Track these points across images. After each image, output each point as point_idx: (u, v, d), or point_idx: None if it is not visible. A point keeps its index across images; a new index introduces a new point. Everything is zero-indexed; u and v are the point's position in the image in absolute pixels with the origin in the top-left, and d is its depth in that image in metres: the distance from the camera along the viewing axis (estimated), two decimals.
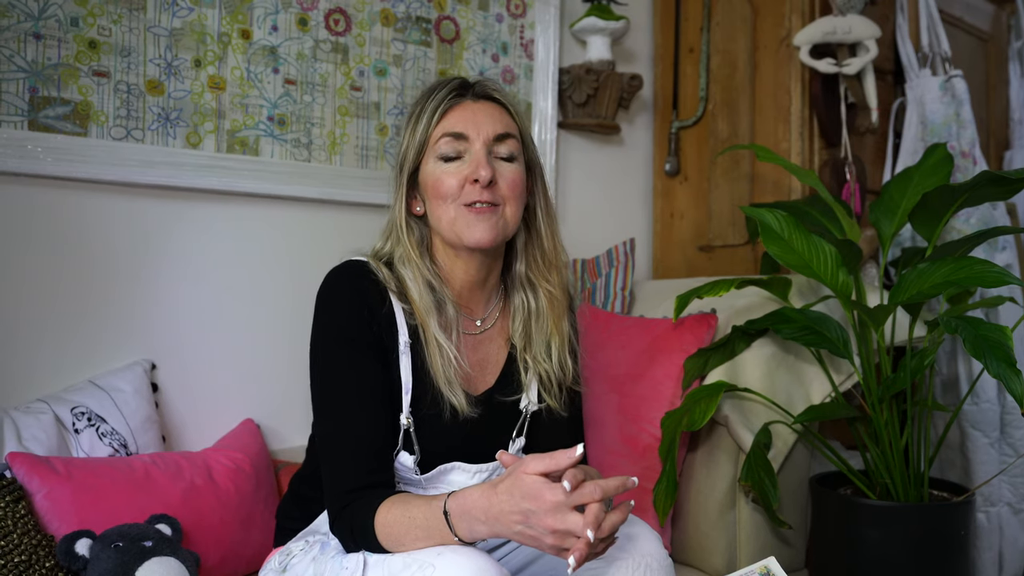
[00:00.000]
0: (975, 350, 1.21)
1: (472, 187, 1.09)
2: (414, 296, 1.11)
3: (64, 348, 1.46)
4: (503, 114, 1.14)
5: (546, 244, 1.20)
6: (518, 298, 1.20)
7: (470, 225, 1.09)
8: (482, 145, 1.10)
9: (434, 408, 1.09)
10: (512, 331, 1.20)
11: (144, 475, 1.30)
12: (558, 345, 1.19)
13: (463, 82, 1.16)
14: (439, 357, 1.09)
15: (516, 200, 1.13)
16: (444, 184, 1.10)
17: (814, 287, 1.69)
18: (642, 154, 2.30)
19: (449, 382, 1.09)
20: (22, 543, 1.12)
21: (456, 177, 1.10)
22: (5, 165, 1.39)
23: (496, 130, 1.12)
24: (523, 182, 1.14)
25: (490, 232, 1.09)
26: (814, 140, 1.93)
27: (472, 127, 1.11)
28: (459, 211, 1.10)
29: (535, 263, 1.20)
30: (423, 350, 1.10)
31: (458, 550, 0.93)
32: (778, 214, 1.47)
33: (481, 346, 1.19)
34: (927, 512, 1.47)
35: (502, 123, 1.13)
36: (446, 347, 1.10)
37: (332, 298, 1.10)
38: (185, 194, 1.58)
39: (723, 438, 1.56)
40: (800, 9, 1.93)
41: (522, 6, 2.01)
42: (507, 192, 1.11)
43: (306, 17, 1.70)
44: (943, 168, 1.59)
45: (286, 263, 1.69)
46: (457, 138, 1.11)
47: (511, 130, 1.14)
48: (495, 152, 1.12)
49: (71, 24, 1.45)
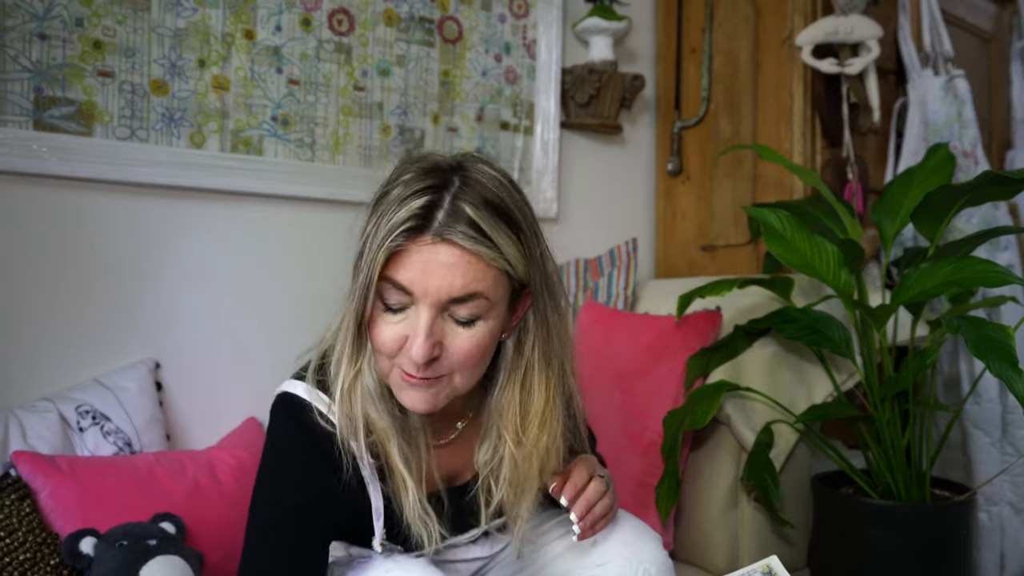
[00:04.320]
0: (977, 350, 1.21)
1: (409, 360, 0.87)
2: (373, 419, 0.92)
3: (69, 347, 1.46)
4: (472, 263, 0.85)
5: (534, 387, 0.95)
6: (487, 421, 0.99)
7: (402, 390, 0.90)
8: (429, 307, 0.85)
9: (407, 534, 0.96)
10: (477, 455, 1.00)
11: (148, 474, 1.31)
12: (529, 499, 0.99)
13: (431, 203, 0.85)
14: (404, 494, 0.94)
15: (469, 370, 0.90)
16: (379, 338, 0.88)
17: (816, 287, 1.69)
18: (644, 154, 2.30)
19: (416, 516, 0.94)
20: (27, 541, 1.13)
21: (394, 334, 0.87)
22: (10, 165, 1.39)
23: (452, 291, 0.85)
24: (484, 346, 0.89)
25: (427, 404, 0.89)
26: (816, 140, 1.93)
27: (420, 282, 0.85)
28: (395, 372, 0.89)
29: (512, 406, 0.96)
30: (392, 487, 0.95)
31: (405, 565, 0.93)
32: (780, 214, 1.48)
33: (461, 444, 1.03)
34: (929, 511, 1.48)
35: (464, 279, 0.85)
36: (411, 488, 0.93)
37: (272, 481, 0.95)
38: (189, 194, 1.58)
39: (725, 437, 1.56)
40: (802, 9, 1.93)
41: (525, 6, 2.01)
42: (457, 363, 0.88)
43: (309, 17, 1.71)
44: (945, 168, 1.60)
45: (290, 262, 1.70)
46: (400, 291, 0.86)
47: (478, 287, 0.86)
48: (451, 313, 0.87)
49: (76, 24, 1.46)
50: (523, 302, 0.94)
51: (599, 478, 1.01)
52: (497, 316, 0.90)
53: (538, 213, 2.16)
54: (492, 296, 0.88)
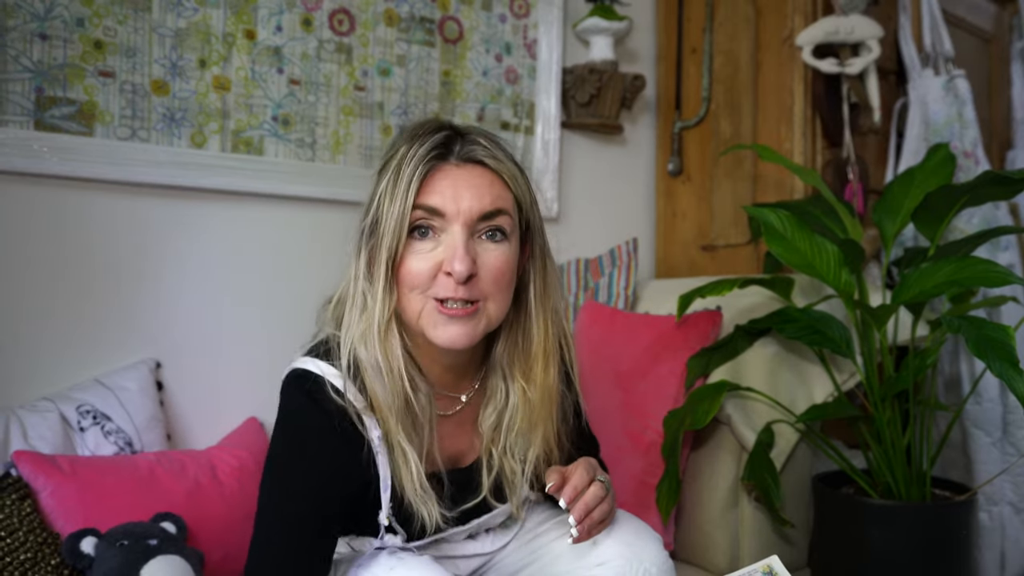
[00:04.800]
0: (978, 350, 1.21)
1: (446, 279, 0.90)
2: (376, 392, 0.92)
3: (69, 347, 1.46)
4: (494, 182, 0.93)
5: (534, 329, 0.99)
6: (493, 382, 1.02)
7: (437, 325, 0.91)
8: (462, 226, 0.90)
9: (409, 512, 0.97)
10: (482, 419, 1.02)
11: (149, 473, 1.31)
12: (538, 447, 1.02)
13: (448, 136, 0.93)
14: (405, 468, 0.94)
15: (502, 292, 0.93)
16: (413, 270, 0.90)
17: (817, 287, 1.69)
18: (645, 154, 2.30)
19: (416, 493, 0.95)
20: (28, 541, 1.13)
21: (428, 262, 0.90)
22: (11, 164, 1.39)
23: (483, 206, 0.90)
24: (512, 267, 0.94)
25: (465, 337, 0.91)
26: (816, 140, 1.93)
27: (451, 201, 0.90)
28: (428, 306, 0.91)
29: (516, 349, 1.00)
30: (395, 460, 0.96)
31: (409, 563, 0.93)
32: (781, 214, 1.48)
33: (466, 421, 1.05)
34: (929, 511, 1.48)
35: (491, 195, 0.91)
36: (412, 460, 0.94)
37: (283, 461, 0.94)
38: (190, 193, 1.58)
39: (726, 437, 1.56)
40: (803, 9, 1.93)
41: (525, 6, 2.01)
42: (490, 287, 0.91)
43: (310, 17, 1.71)
44: (945, 168, 1.60)
45: (290, 262, 1.70)
46: (431, 213, 0.90)
47: (502, 204, 0.92)
48: (479, 230, 0.91)
49: (77, 24, 1.46)
50: (524, 249, 0.99)
51: (599, 482, 1.01)
52: (515, 243, 0.95)
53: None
54: (512, 217, 0.94)
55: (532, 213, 0.99)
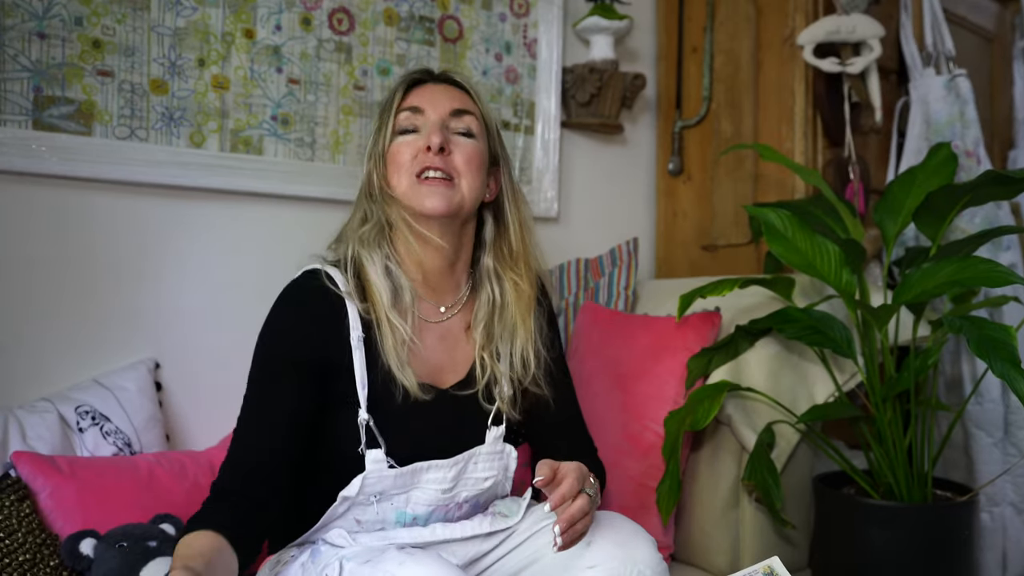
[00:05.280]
0: (979, 350, 1.21)
1: (424, 155, 1.11)
2: (372, 281, 1.11)
3: (68, 347, 1.46)
4: (463, 96, 1.18)
5: (513, 237, 1.21)
6: (484, 293, 1.20)
7: (420, 195, 1.11)
8: (437, 118, 1.13)
9: (388, 396, 1.09)
10: (473, 324, 1.20)
11: (148, 474, 1.31)
12: (522, 340, 1.19)
13: (428, 70, 1.21)
14: (391, 337, 1.09)
15: (473, 174, 1.14)
16: (400, 155, 1.13)
17: (818, 287, 1.69)
18: (645, 153, 2.29)
19: (400, 363, 1.09)
20: (26, 542, 1.13)
21: (411, 147, 1.13)
22: (9, 164, 1.39)
23: (452, 105, 1.15)
24: (481, 158, 1.15)
25: (442, 201, 1.10)
26: (818, 139, 1.92)
27: (428, 102, 1.15)
28: (411, 182, 1.12)
29: (502, 255, 1.21)
30: (375, 336, 1.09)
31: (420, 558, 0.95)
32: (782, 213, 1.47)
33: (448, 336, 1.19)
34: (931, 512, 1.47)
35: (460, 101, 1.16)
36: (399, 327, 1.10)
37: (270, 319, 1.12)
38: (189, 193, 1.58)
39: (726, 438, 1.56)
40: (804, 8, 1.92)
41: (525, 5, 2.01)
42: (462, 165, 1.13)
43: (310, 17, 1.70)
44: (947, 167, 1.59)
45: (289, 262, 1.68)
46: (414, 112, 1.14)
47: (470, 108, 1.17)
48: (452, 127, 1.14)
49: (75, 23, 1.45)
50: (496, 175, 1.21)
51: (586, 495, 1.02)
52: (483, 149, 1.17)
53: (539, 213, 2.17)
54: (479, 122, 1.17)
55: (498, 142, 1.22)
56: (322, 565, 1.03)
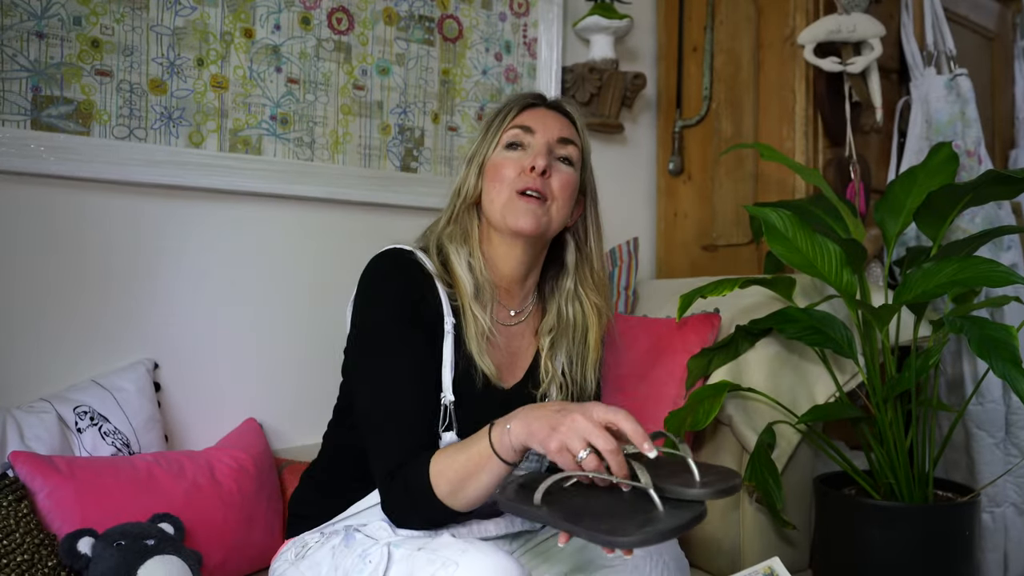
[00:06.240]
0: (980, 350, 1.21)
1: (527, 175, 1.15)
2: (457, 271, 1.16)
3: (67, 347, 1.46)
4: (570, 126, 1.23)
5: (595, 265, 1.28)
6: (557, 307, 1.25)
7: (516, 211, 1.15)
8: (545, 141, 1.18)
9: (469, 382, 1.13)
10: (541, 330, 1.25)
11: (147, 474, 1.30)
12: (592, 361, 1.25)
13: (542, 95, 1.26)
14: (474, 325, 1.14)
15: (564, 200, 1.19)
16: (504, 168, 1.17)
17: (818, 287, 1.68)
18: (645, 153, 2.29)
19: (480, 349, 1.13)
20: (24, 542, 1.12)
21: (516, 164, 1.17)
22: (8, 164, 1.39)
23: (561, 133, 1.20)
24: (574, 186, 1.20)
25: (533, 221, 1.15)
26: (818, 139, 1.92)
27: (540, 124, 1.20)
28: (510, 196, 1.16)
29: (586, 280, 1.26)
30: (462, 324, 1.14)
31: (482, 548, 0.92)
32: (782, 213, 1.47)
33: (513, 339, 1.23)
34: (932, 513, 1.47)
35: (568, 130, 1.21)
36: (480, 318, 1.14)
37: (382, 278, 1.14)
38: (187, 193, 1.58)
39: (727, 438, 1.55)
40: (804, 7, 1.92)
41: (525, 5, 2.01)
42: (558, 190, 1.17)
43: (309, 16, 1.70)
44: (948, 167, 1.59)
45: (288, 262, 1.69)
46: (525, 131, 1.19)
47: (574, 138, 1.22)
48: (556, 152, 1.19)
49: (74, 23, 1.45)
50: (581, 205, 1.27)
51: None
52: (578, 175, 1.22)
53: None
54: (579, 152, 1.22)
55: (589, 173, 1.27)
56: (359, 550, 1.02)
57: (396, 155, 1.81)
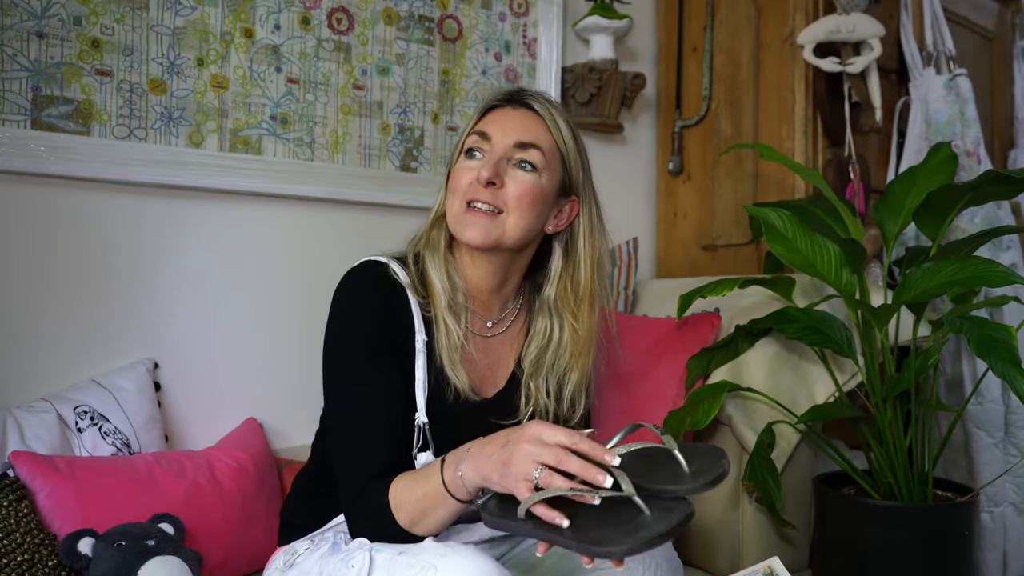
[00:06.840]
0: (980, 350, 1.21)
1: (475, 184, 1.08)
2: (432, 280, 1.11)
3: (67, 347, 1.46)
4: (537, 126, 1.12)
5: (582, 275, 1.18)
6: (540, 323, 1.19)
7: (464, 224, 1.09)
8: (500, 149, 1.10)
9: (443, 398, 1.09)
10: (524, 354, 1.19)
11: (147, 474, 1.30)
12: (575, 381, 1.18)
13: (514, 90, 1.17)
14: (446, 336, 1.09)
15: (524, 209, 1.09)
16: (459, 178, 1.11)
17: (818, 286, 1.68)
18: (645, 153, 2.29)
19: (452, 362, 1.09)
20: (25, 542, 1.12)
21: (469, 174, 1.10)
22: (8, 164, 1.39)
23: (521, 137, 1.10)
24: (536, 193, 1.10)
25: (481, 235, 1.08)
26: (818, 139, 1.92)
27: (498, 129, 1.11)
28: (460, 208, 1.10)
29: (565, 293, 1.18)
30: (434, 337, 1.10)
31: (461, 551, 0.92)
32: (782, 213, 1.47)
33: (492, 350, 1.19)
34: (931, 512, 1.47)
35: (531, 133, 1.11)
36: (453, 327, 1.10)
37: (351, 299, 1.10)
38: (187, 193, 1.58)
39: (726, 438, 1.55)
40: (804, 8, 1.92)
41: (525, 5, 2.01)
42: (513, 200, 1.08)
43: (309, 16, 1.70)
44: (947, 167, 1.59)
45: (288, 262, 1.69)
46: (482, 137, 1.12)
47: (540, 142, 1.11)
48: (513, 158, 1.10)
49: (74, 23, 1.45)
50: (571, 206, 1.17)
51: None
52: (547, 184, 1.12)
53: None
54: (547, 157, 1.11)
55: (578, 170, 1.17)
56: (343, 555, 1.02)
57: (396, 155, 1.81)
